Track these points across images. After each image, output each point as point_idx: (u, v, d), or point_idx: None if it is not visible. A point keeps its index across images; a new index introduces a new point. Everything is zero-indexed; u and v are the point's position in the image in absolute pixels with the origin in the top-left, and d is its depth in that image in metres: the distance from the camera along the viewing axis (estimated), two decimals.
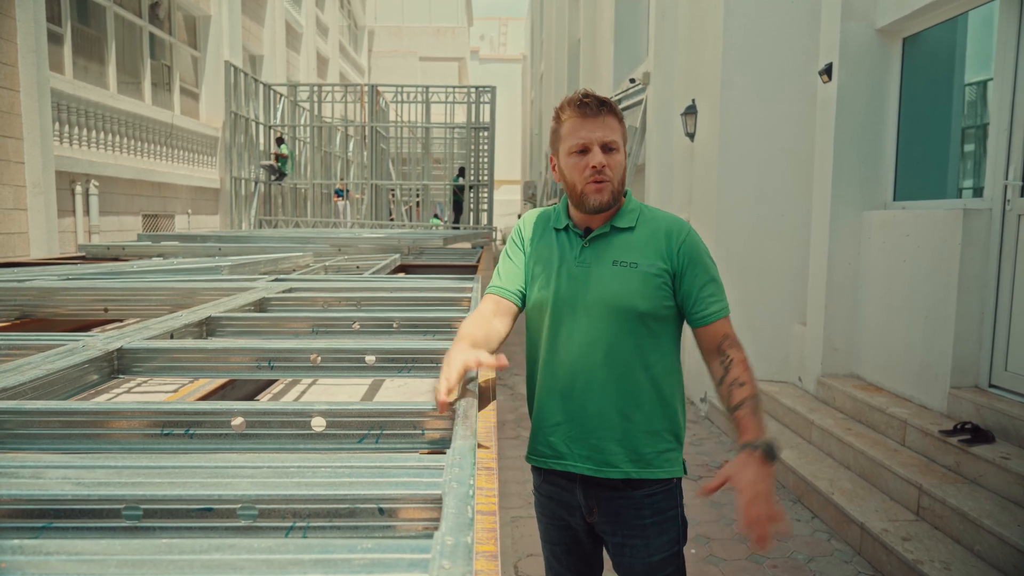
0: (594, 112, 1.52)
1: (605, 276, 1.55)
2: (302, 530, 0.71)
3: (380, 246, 4.82)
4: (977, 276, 3.77)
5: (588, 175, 1.53)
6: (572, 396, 1.57)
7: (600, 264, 1.56)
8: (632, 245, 1.57)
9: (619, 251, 1.57)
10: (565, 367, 1.57)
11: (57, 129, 7.43)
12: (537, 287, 1.62)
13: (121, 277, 2.62)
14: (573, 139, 1.54)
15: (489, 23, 48.28)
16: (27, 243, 6.66)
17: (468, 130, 14.97)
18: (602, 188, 1.53)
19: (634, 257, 1.55)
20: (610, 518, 1.61)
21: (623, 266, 1.55)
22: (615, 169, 1.54)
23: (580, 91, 1.58)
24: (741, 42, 5.52)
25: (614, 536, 1.62)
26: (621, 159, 1.56)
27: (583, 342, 1.56)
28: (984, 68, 4.13)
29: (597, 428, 1.56)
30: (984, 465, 3.30)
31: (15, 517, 0.70)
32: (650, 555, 1.59)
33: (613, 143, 1.54)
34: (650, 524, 1.59)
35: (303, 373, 1.42)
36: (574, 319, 1.56)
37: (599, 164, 1.51)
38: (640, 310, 1.53)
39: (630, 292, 1.53)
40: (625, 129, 1.61)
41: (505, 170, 32.50)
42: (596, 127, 1.52)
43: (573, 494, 1.63)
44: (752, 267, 5.56)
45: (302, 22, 17.42)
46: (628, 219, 1.60)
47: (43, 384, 1.13)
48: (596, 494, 1.60)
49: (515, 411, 5.80)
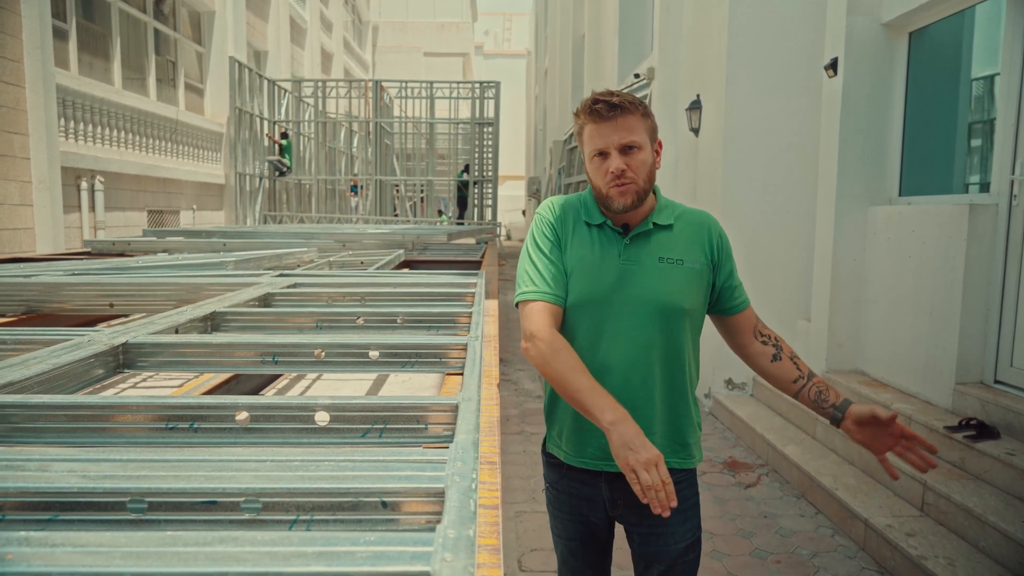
0: (606, 116, 1.51)
1: (652, 274, 1.56)
2: (306, 523, 0.71)
3: (384, 242, 4.82)
4: (983, 272, 3.75)
5: (609, 180, 1.53)
6: (624, 397, 1.52)
7: (646, 262, 1.57)
8: (674, 242, 1.59)
9: (663, 248, 1.58)
10: (616, 368, 1.56)
11: (62, 125, 7.44)
12: (579, 285, 1.59)
13: (126, 272, 2.63)
14: (592, 144, 1.55)
15: (493, 18, 48.19)
16: (33, 239, 6.69)
17: (472, 126, 14.94)
18: (625, 191, 1.53)
19: (679, 254, 1.58)
20: (636, 510, 1.63)
21: (669, 263, 1.57)
22: (638, 169, 1.52)
23: (594, 94, 1.55)
24: (746, 37, 5.50)
25: (639, 527, 1.65)
26: (644, 157, 1.54)
27: (633, 341, 1.56)
28: (991, 62, 4.10)
29: (650, 424, 1.57)
30: (989, 461, 3.30)
31: (22, 509, 0.70)
32: (676, 543, 1.63)
33: (633, 142, 1.51)
34: (675, 513, 1.60)
35: (307, 368, 1.42)
36: (621, 317, 1.56)
37: (617, 170, 1.51)
38: (685, 307, 1.57)
39: (677, 289, 1.56)
40: (652, 123, 1.58)
41: (509, 166, 32.46)
42: (612, 131, 1.51)
43: (596, 488, 1.65)
44: (756, 263, 5.54)
45: (306, 17, 17.41)
46: (666, 216, 1.61)
47: (49, 378, 1.14)
48: (622, 487, 1.61)
49: (519, 406, 5.81)
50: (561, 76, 18.04)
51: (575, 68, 15.91)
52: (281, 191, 13.84)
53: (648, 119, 1.56)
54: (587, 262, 1.59)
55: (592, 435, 1.61)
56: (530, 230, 1.68)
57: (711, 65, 5.96)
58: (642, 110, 1.54)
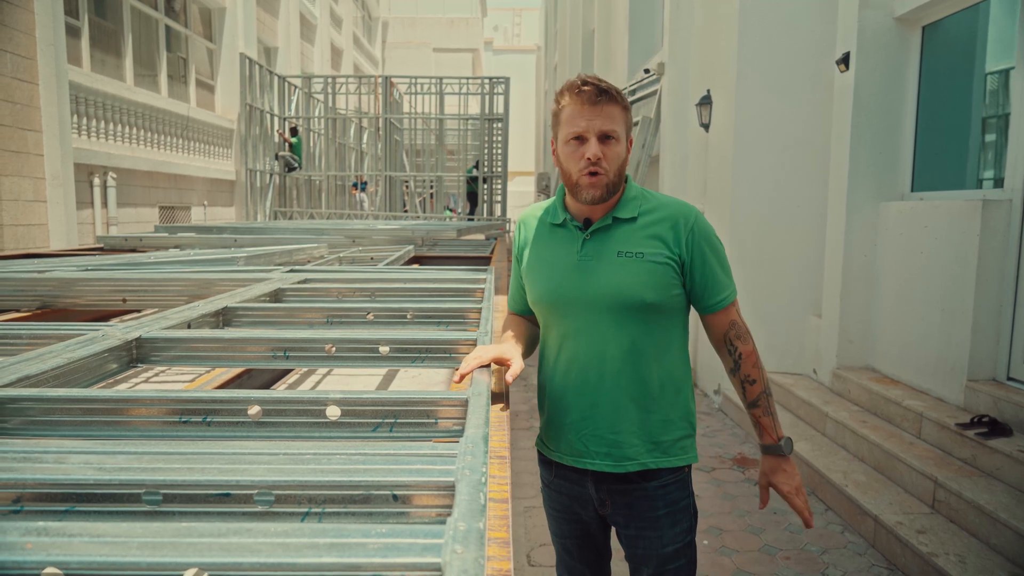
0: (593, 100, 1.46)
1: (610, 268, 1.52)
2: (317, 515, 0.72)
3: (394, 237, 4.83)
4: (996, 268, 3.72)
5: (583, 166, 1.48)
6: (585, 392, 1.55)
7: (604, 256, 1.53)
8: (636, 235, 1.53)
9: (622, 242, 1.53)
10: (577, 363, 1.56)
11: (75, 122, 7.50)
12: (538, 285, 1.60)
13: (139, 268, 2.65)
14: (570, 127, 1.49)
15: (503, 14, 48.07)
16: (47, 235, 6.75)
17: (482, 121, 14.93)
18: (596, 182, 1.48)
19: (639, 247, 1.51)
20: (623, 510, 1.61)
21: (628, 257, 1.51)
22: (612, 161, 1.48)
23: (581, 76, 1.51)
24: (757, 32, 5.46)
25: (627, 528, 1.62)
26: (620, 150, 1.50)
27: (593, 336, 1.54)
28: (1006, 56, 4.06)
29: (615, 422, 1.54)
30: (1001, 458, 3.27)
31: (40, 500, 0.72)
32: (663, 546, 1.59)
33: (612, 132, 1.48)
34: (663, 515, 1.59)
35: (318, 363, 1.43)
36: (581, 314, 1.54)
37: (594, 156, 1.46)
38: (648, 301, 1.50)
39: (637, 283, 1.50)
40: (629, 118, 1.55)
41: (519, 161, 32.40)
42: (595, 115, 1.46)
43: (585, 487, 1.63)
44: (767, 258, 5.52)
45: (316, 14, 17.44)
46: (630, 209, 1.55)
47: (64, 372, 1.15)
48: (608, 487, 1.59)
49: (528, 401, 5.82)
50: (571, 71, 17.96)
51: (585, 63, 15.85)
52: (291, 187, 13.88)
53: (627, 113, 1.53)
54: (544, 261, 1.60)
55: (563, 430, 1.60)
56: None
57: (721, 60, 5.93)
58: (624, 103, 1.52)
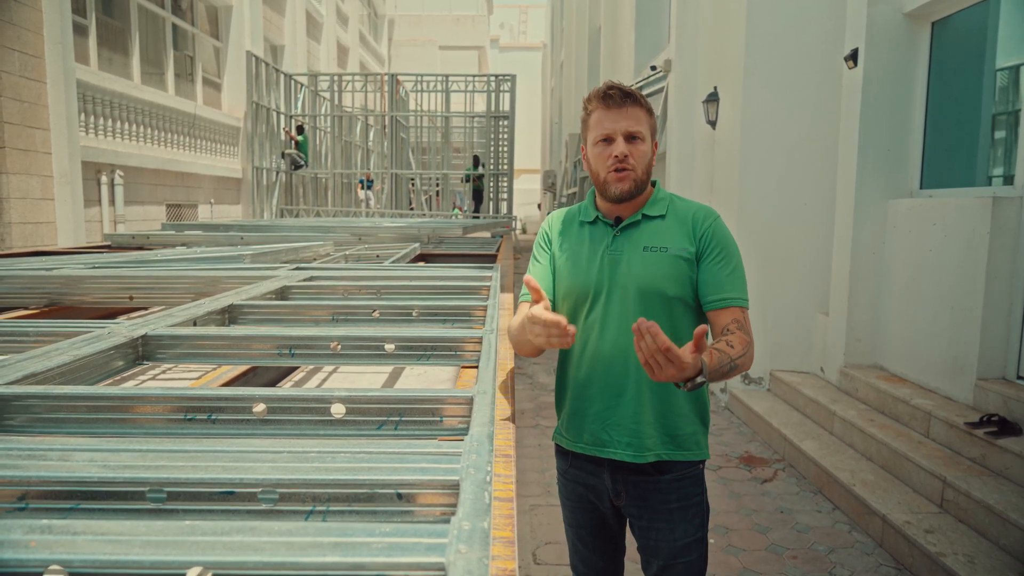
0: (618, 103, 1.56)
1: (636, 261, 1.59)
2: (322, 514, 0.72)
3: (400, 235, 4.83)
4: (1006, 265, 3.69)
5: (611, 164, 1.57)
6: (611, 382, 1.60)
7: (631, 250, 1.61)
8: (662, 231, 1.61)
9: (649, 237, 1.61)
10: (602, 354, 1.61)
11: (83, 120, 7.53)
12: (568, 277, 1.66)
13: (146, 266, 2.66)
14: (598, 129, 1.59)
15: (509, 11, 48.04)
16: (54, 232, 6.79)
17: (488, 119, 14.91)
18: (623, 177, 1.57)
19: (664, 242, 1.60)
20: (637, 502, 1.65)
21: (653, 251, 1.59)
22: (638, 159, 1.58)
23: (607, 83, 1.63)
24: (764, 28, 5.43)
25: (640, 520, 1.66)
26: (645, 149, 1.60)
27: (618, 327, 1.59)
28: (1017, 52, 4.03)
29: (637, 412, 1.59)
30: (1011, 458, 3.25)
31: (44, 498, 0.71)
32: (676, 539, 1.63)
33: (638, 133, 1.57)
34: (676, 509, 1.63)
35: (324, 360, 1.43)
36: (608, 305, 1.60)
37: (621, 154, 1.56)
38: (669, 294, 1.57)
39: (659, 275, 1.57)
40: (654, 120, 1.65)
41: (525, 159, 32.40)
42: (620, 117, 1.56)
43: (601, 478, 1.67)
44: (774, 256, 5.50)
45: (322, 12, 17.46)
46: (659, 208, 1.64)
47: (70, 370, 1.16)
48: (624, 478, 1.64)
49: (534, 400, 5.82)
50: (577, 69, 17.95)
51: (591, 60, 15.82)
52: (297, 185, 13.90)
53: (651, 117, 1.63)
54: (576, 255, 1.66)
55: (586, 420, 1.64)
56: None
57: (728, 57, 5.90)
58: (648, 107, 1.62)
